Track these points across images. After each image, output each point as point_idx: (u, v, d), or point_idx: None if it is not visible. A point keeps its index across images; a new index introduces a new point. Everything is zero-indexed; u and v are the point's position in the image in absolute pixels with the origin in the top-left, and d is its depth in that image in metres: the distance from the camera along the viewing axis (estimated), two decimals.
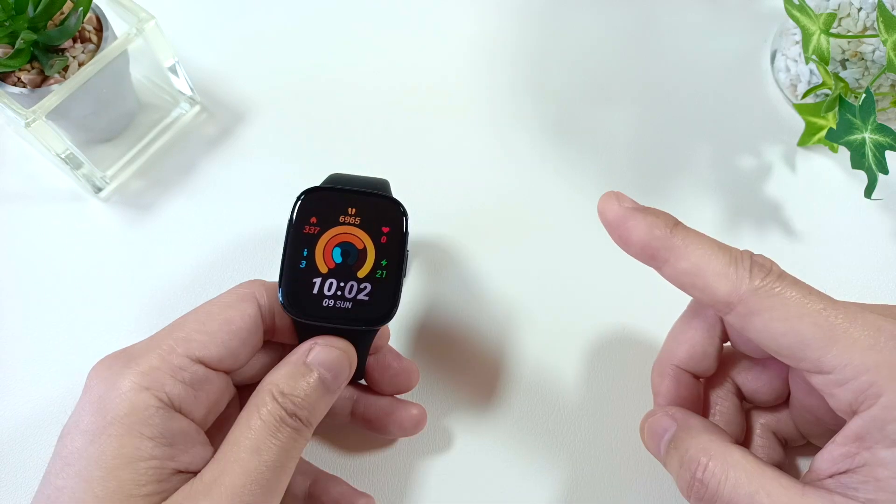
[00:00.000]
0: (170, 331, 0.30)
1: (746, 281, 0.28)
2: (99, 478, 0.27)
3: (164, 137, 0.46)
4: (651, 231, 0.29)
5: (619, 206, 0.30)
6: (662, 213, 0.30)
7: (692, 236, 0.29)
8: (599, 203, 0.31)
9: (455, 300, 0.42)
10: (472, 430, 0.39)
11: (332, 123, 0.47)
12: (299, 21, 0.51)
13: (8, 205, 0.44)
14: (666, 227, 0.29)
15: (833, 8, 0.42)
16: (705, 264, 0.28)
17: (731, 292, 0.28)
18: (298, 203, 0.32)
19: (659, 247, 0.29)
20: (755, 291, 0.28)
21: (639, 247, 0.30)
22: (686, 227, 0.30)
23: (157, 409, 0.28)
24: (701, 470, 0.29)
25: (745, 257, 0.29)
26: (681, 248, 0.29)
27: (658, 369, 0.35)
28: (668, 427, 0.32)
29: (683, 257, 0.29)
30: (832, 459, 0.28)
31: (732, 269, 0.28)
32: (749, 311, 0.28)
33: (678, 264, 0.29)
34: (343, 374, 0.31)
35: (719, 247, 0.29)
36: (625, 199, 0.31)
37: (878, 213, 0.45)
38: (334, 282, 0.32)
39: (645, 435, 0.33)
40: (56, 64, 0.39)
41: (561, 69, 0.49)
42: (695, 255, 0.29)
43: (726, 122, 0.47)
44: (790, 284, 0.28)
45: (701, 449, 0.30)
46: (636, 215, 0.30)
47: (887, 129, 0.38)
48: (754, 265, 0.28)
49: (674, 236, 0.29)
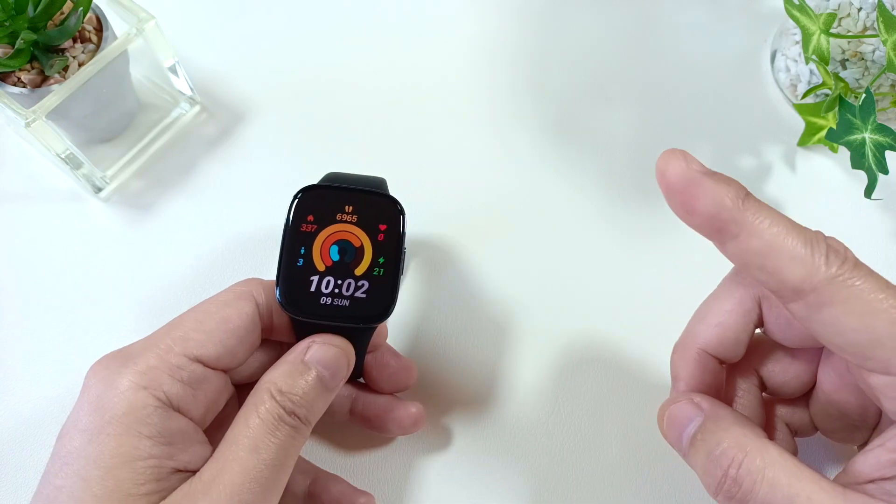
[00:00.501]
0: (167, 330, 0.30)
1: (822, 268, 0.25)
2: (97, 477, 0.27)
3: (164, 137, 0.46)
4: (721, 200, 0.26)
5: (686, 168, 0.26)
6: (733, 182, 0.26)
7: (765, 211, 0.26)
8: (660, 161, 0.27)
9: (454, 299, 0.42)
10: (470, 428, 0.39)
11: (332, 123, 0.47)
12: (299, 21, 0.51)
13: (8, 205, 0.44)
14: (738, 197, 0.26)
15: (833, 8, 0.42)
16: (780, 244, 0.25)
17: (804, 279, 0.25)
18: (295, 201, 0.32)
19: (728, 219, 0.26)
20: (831, 280, 0.25)
21: (705, 217, 0.26)
22: (757, 200, 0.26)
23: (155, 409, 0.28)
24: (735, 467, 0.27)
25: (820, 240, 0.26)
26: (752, 223, 0.26)
27: (681, 351, 0.32)
28: (693, 416, 0.29)
29: (755, 234, 0.26)
30: (878, 464, 0.26)
31: (809, 251, 0.25)
32: (822, 302, 0.25)
33: (749, 242, 0.26)
34: (341, 372, 0.31)
35: (794, 226, 0.26)
36: (692, 160, 0.27)
37: (878, 213, 0.44)
38: (331, 279, 0.32)
39: (664, 423, 0.31)
40: (56, 64, 0.39)
41: (561, 69, 0.49)
42: (769, 232, 0.25)
43: (726, 122, 0.47)
44: (866, 275, 0.25)
45: (735, 444, 0.27)
46: (705, 181, 0.26)
47: (887, 129, 0.38)
48: (830, 250, 0.25)
49: (746, 209, 0.26)
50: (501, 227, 0.44)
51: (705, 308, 0.32)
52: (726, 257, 0.27)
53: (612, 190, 0.45)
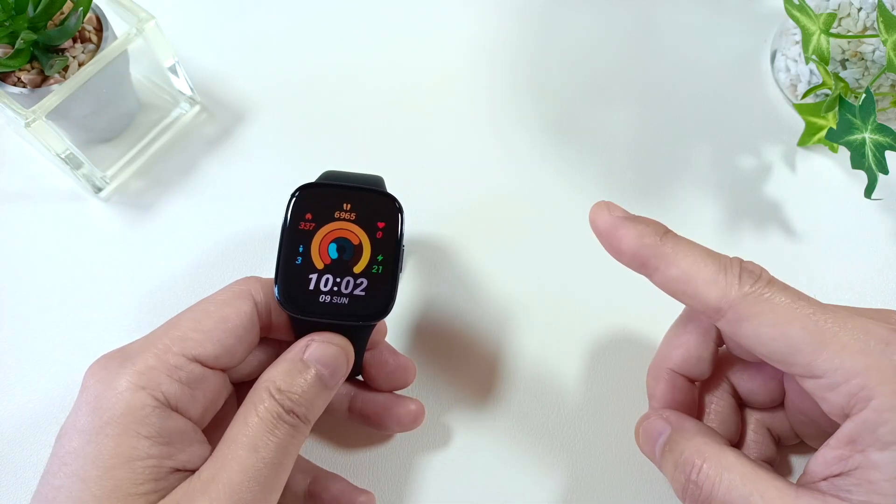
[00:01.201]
0: (166, 329, 0.30)
1: (736, 287, 0.28)
2: (96, 477, 0.27)
3: (164, 137, 0.46)
4: (641, 239, 0.30)
5: (609, 216, 0.31)
6: (652, 222, 0.30)
7: (682, 244, 0.30)
8: (591, 213, 0.31)
9: (453, 298, 0.42)
10: (470, 426, 0.39)
11: (332, 123, 0.47)
12: (299, 21, 0.51)
13: (8, 205, 0.44)
14: (656, 234, 0.30)
15: (833, 8, 0.42)
16: (695, 271, 0.29)
17: (720, 298, 0.28)
18: (293, 199, 0.32)
19: (649, 255, 0.30)
20: (744, 297, 0.28)
21: (629, 255, 0.30)
22: (676, 236, 0.30)
23: (153, 409, 0.28)
24: (695, 472, 0.29)
25: (734, 264, 0.29)
26: (671, 255, 0.29)
27: (653, 373, 0.35)
28: (662, 430, 0.32)
29: (673, 265, 0.29)
30: (826, 462, 0.28)
31: (722, 275, 0.29)
32: (739, 317, 0.28)
33: (668, 272, 0.29)
34: (340, 370, 0.31)
35: (709, 254, 0.29)
36: (615, 208, 0.31)
37: (878, 213, 0.44)
38: (330, 277, 0.32)
39: (640, 438, 0.33)
40: (56, 64, 0.39)
41: (561, 69, 0.49)
42: (685, 262, 0.29)
43: (726, 122, 0.47)
44: (779, 290, 0.28)
45: (695, 451, 0.30)
46: (626, 224, 0.30)
47: (887, 129, 0.38)
48: (743, 271, 0.29)
49: (664, 244, 0.30)
50: (501, 226, 0.44)
51: (671, 331, 0.35)
52: (657, 287, 0.30)
53: (612, 190, 0.45)
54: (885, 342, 0.27)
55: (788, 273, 0.42)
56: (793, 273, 0.42)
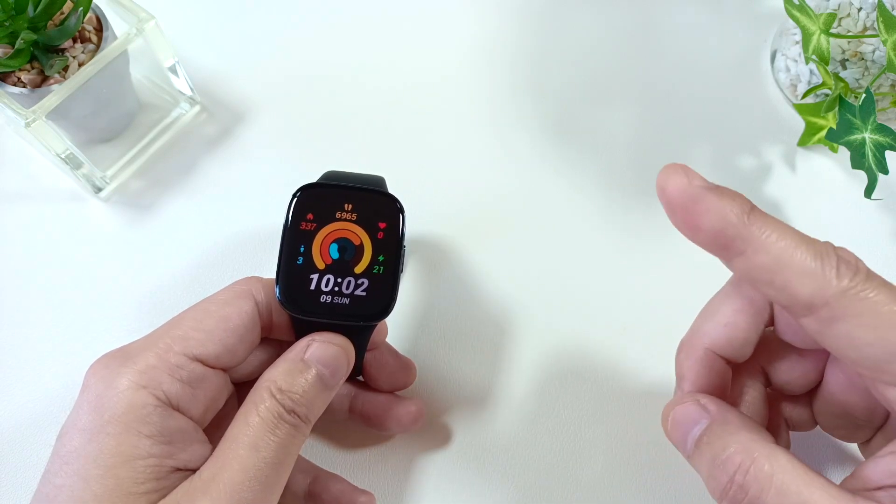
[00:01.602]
0: (167, 329, 0.30)
1: (834, 281, 0.24)
2: (97, 476, 0.27)
3: (164, 137, 0.46)
4: (725, 216, 0.25)
5: (687, 184, 0.26)
6: (738, 196, 0.26)
7: (771, 225, 0.25)
8: (660, 177, 0.26)
9: (454, 298, 0.42)
10: (470, 426, 0.39)
11: (332, 123, 0.47)
12: (299, 21, 0.51)
13: (8, 205, 0.44)
14: (743, 211, 0.25)
15: (833, 8, 0.42)
16: (788, 259, 0.25)
17: (815, 294, 0.24)
18: (294, 200, 0.32)
19: (734, 235, 0.25)
20: (843, 294, 0.24)
21: (710, 234, 0.26)
22: (763, 213, 0.26)
23: (154, 408, 0.28)
24: (742, 473, 0.26)
25: (830, 252, 0.25)
26: (759, 238, 0.25)
27: (687, 350, 0.31)
28: (698, 419, 0.28)
29: (762, 250, 0.25)
30: (889, 472, 0.26)
31: (819, 265, 0.24)
32: (833, 316, 0.24)
33: (755, 257, 0.25)
34: (341, 370, 0.31)
35: (802, 239, 0.25)
36: (694, 175, 0.26)
37: (878, 213, 0.44)
38: (331, 278, 0.32)
39: (669, 424, 0.30)
40: (56, 64, 0.39)
41: (561, 69, 0.49)
42: (776, 247, 0.25)
43: (726, 122, 0.47)
44: (879, 286, 0.24)
45: (742, 449, 0.26)
46: (709, 197, 0.25)
47: (887, 129, 0.38)
48: (841, 262, 0.25)
49: (751, 224, 0.25)
50: (501, 226, 0.44)
51: (714, 306, 0.31)
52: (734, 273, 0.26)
53: (612, 190, 0.45)
54: None
55: None
56: None
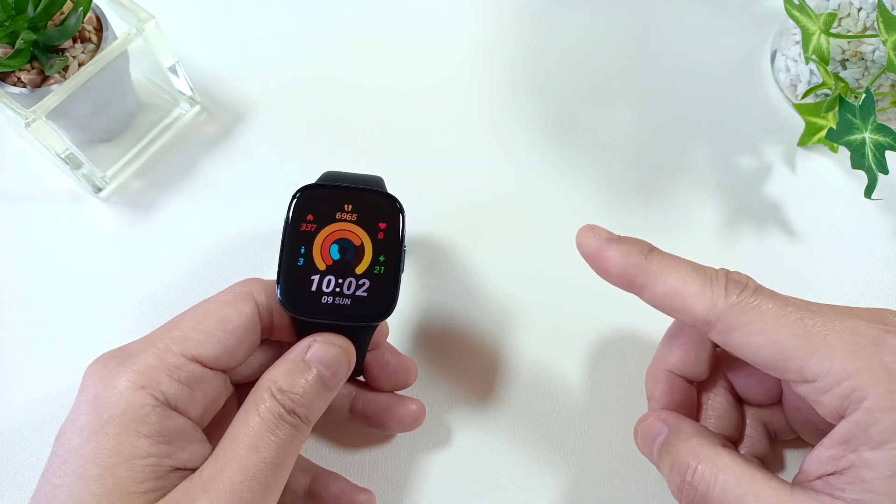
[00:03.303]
0: (166, 329, 0.30)
1: (722, 298, 0.29)
2: (96, 476, 0.27)
3: (164, 137, 0.46)
4: (626, 259, 0.30)
5: (594, 238, 0.31)
6: (637, 241, 0.31)
7: (667, 260, 0.30)
8: (577, 237, 0.32)
9: (454, 298, 0.42)
10: (470, 425, 0.39)
11: (332, 123, 0.47)
12: (299, 21, 0.51)
13: (8, 205, 0.44)
14: (640, 253, 0.30)
15: (833, 8, 0.42)
16: (682, 286, 0.29)
17: (708, 310, 0.29)
18: (294, 201, 0.32)
19: (635, 273, 0.30)
20: (732, 307, 0.28)
21: (616, 275, 0.31)
22: (661, 252, 0.31)
23: (153, 408, 0.28)
24: (690, 473, 0.30)
25: (720, 276, 0.29)
26: (656, 272, 0.30)
27: (651, 375, 0.35)
28: (660, 431, 0.32)
29: (660, 281, 0.30)
30: (820, 462, 0.29)
31: (708, 288, 0.29)
32: (728, 328, 0.29)
33: (655, 288, 0.30)
34: (342, 371, 0.31)
35: (694, 267, 0.30)
36: (599, 230, 0.32)
37: (878, 213, 0.44)
38: (332, 278, 0.32)
39: (638, 438, 0.34)
40: (56, 64, 0.39)
41: (561, 69, 0.49)
42: (671, 278, 0.30)
43: (726, 122, 0.47)
44: (766, 297, 0.29)
45: (690, 452, 0.30)
46: (611, 245, 0.31)
47: (887, 129, 0.38)
48: (730, 282, 0.29)
49: (649, 262, 0.30)
50: (501, 226, 0.44)
51: (668, 334, 0.35)
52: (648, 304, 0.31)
53: (612, 190, 0.45)
54: (875, 343, 0.27)
55: (788, 273, 0.43)
56: (792, 273, 0.43)
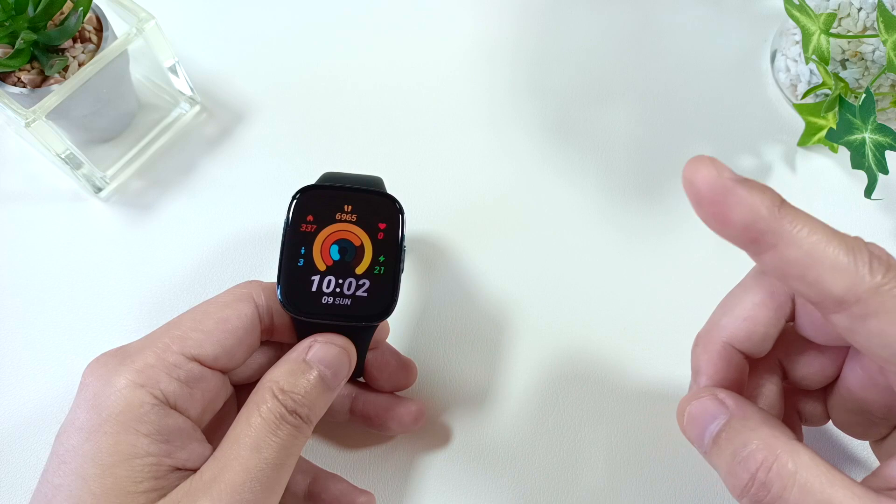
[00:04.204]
0: (165, 329, 0.30)
1: (867, 277, 0.24)
2: (95, 475, 0.27)
3: (164, 137, 0.46)
4: (757, 210, 0.24)
5: (716, 176, 0.24)
6: (768, 189, 0.25)
7: (802, 219, 0.24)
8: (687, 169, 0.25)
9: (454, 298, 0.42)
10: (470, 426, 0.39)
11: (332, 123, 0.47)
12: (299, 21, 0.51)
13: (8, 205, 0.44)
14: (773, 205, 0.24)
15: (833, 8, 0.42)
16: (820, 254, 0.24)
17: (848, 290, 0.24)
18: (294, 202, 0.32)
19: (765, 229, 0.24)
20: (876, 290, 0.24)
21: (740, 228, 0.25)
22: (794, 208, 0.25)
23: (152, 407, 0.28)
24: (764, 471, 0.26)
25: (861, 247, 0.24)
26: (790, 232, 0.24)
27: (704, 344, 0.30)
28: (717, 414, 0.28)
29: (794, 244, 0.24)
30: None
31: (851, 261, 0.24)
32: (866, 313, 0.24)
33: (787, 252, 0.24)
34: (342, 371, 0.31)
35: (834, 234, 0.24)
36: (723, 167, 0.25)
37: (878, 213, 0.44)
38: (332, 279, 0.32)
39: (685, 420, 0.29)
40: (56, 64, 0.39)
41: (561, 69, 0.49)
42: (808, 241, 0.24)
43: (726, 122, 0.47)
44: None
45: (764, 446, 0.26)
46: (738, 189, 0.24)
47: (887, 129, 0.38)
48: (873, 258, 0.24)
49: (782, 217, 0.24)
50: (501, 226, 0.44)
51: (733, 299, 0.31)
52: (763, 268, 0.26)
53: (612, 190, 0.45)
54: None
55: None
56: None
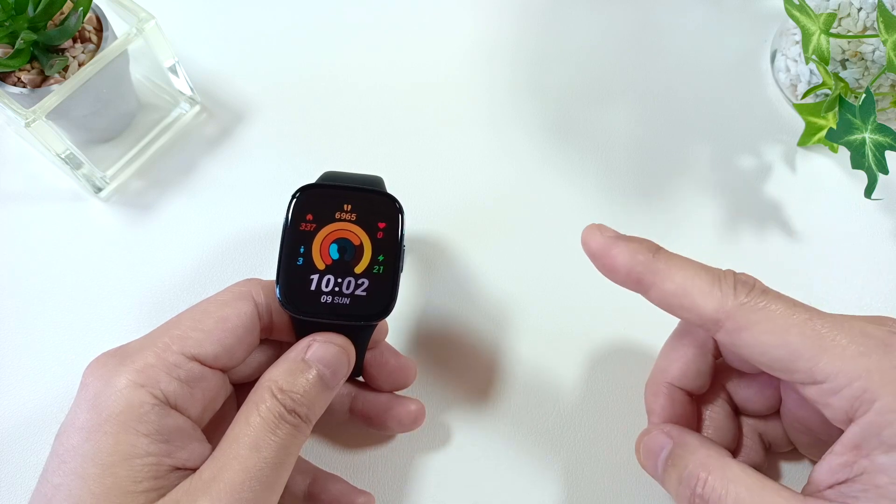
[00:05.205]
0: (165, 328, 0.30)
1: (731, 297, 0.28)
2: (95, 475, 0.27)
3: (164, 137, 0.46)
4: (634, 257, 0.30)
5: (601, 237, 0.31)
6: (644, 240, 0.31)
7: (675, 259, 0.30)
8: (583, 236, 0.31)
9: (453, 298, 0.42)
10: (470, 425, 0.39)
11: (332, 123, 0.47)
12: (299, 21, 0.51)
13: (8, 205, 0.44)
14: (648, 251, 0.30)
15: (833, 8, 0.42)
16: (690, 284, 0.29)
17: (717, 309, 0.29)
18: (294, 201, 0.32)
19: (643, 271, 0.30)
20: (741, 307, 0.28)
21: (624, 273, 0.30)
22: (668, 252, 0.30)
23: (152, 406, 0.28)
24: (700, 485, 0.29)
25: (727, 276, 0.29)
26: (664, 270, 0.30)
27: (651, 388, 0.35)
28: (664, 444, 0.32)
29: (668, 279, 0.29)
30: (831, 470, 0.28)
31: (717, 286, 0.29)
32: (737, 327, 0.28)
33: (664, 286, 0.30)
34: (342, 370, 0.31)
35: (702, 267, 0.30)
36: (606, 229, 0.31)
37: (878, 213, 0.44)
38: (331, 278, 0.32)
39: (641, 453, 0.33)
40: (56, 64, 0.39)
41: (561, 69, 0.49)
42: (679, 276, 0.29)
43: (726, 122, 0.47)
44: (774, 298, 0.28)
45: (699, 464, 0.30)
46: (618, 243, 0.31)
47: (887, 129, 0.38)
48: (738, 282, 0.29)
49: (657, 260, 0.30)
50: (500, 226, 0.44)
51: (668, 346, 0.35)
52: (653, 303, 0.31)
53: (612, 190, 0.45)
54: (884, 344, 0.27)
55: (788, 273, 0.43)
56: (793, 273, 0.43)
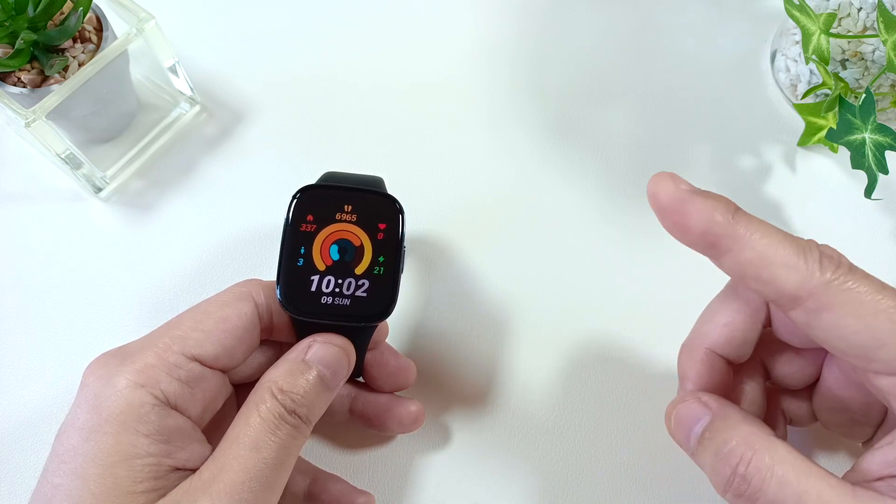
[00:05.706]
0: (166, 329, 0.30)
1: (817, 273, 0.25)
2: (95, 475, 0.27)
3: (164, 137, 0.46)
4: (712, 216, 0.26)
5: (675, 189, 0.27)
6: (722, 198, 0.27)
7: (755, 223, 0.27)
8: (651, 184, 0.27)
9: (453, 299, 0.42)
10: (470, 426, 0.39)
11: (332, 123, 0.47)
12: (299, 21, 0.51)
13: (8, 205, 0.44)
14: (728, 211, 0.27)
15: (833, 8, 0.42)
16: (772, 254, 0.26)
17: (800, 286, 0.26)
18: (294, 201, 0.32)
19: (721, 234, 0.26)
20: (827, 285, 0.25)
21: (698, 234, 0.27)
22: (747, 214, 0.27)
23: (152, 407, 0.28)
24: (744, 465, 0.27)
25: (812, 247, 0.26)
26: (744, 236, 0.26)
27: (688, 351, 0.32)
28: (700, 416, 0.29)
29: (748, 246, 0.26)
30: (887, 462, 0.26)
31: (801, 259, 0.26)
32: (819, 307, 0.26)
33: (741, 254, 0.26)
34: (342, 371, 0.31)
35: (785, 236, 0.26)
36: (680, 180, 0.27)
37: (878, 213, 0.44)
38: (332, 279, 0.32)
39: (672, 423, 0.30)
40: (56, 64, 0.39)
41: (561, 69, 0.49)
42: (760, 244, 0.26)
43: (726, 122, 0.47)
44: (861, 278, 0.26)
45: (744, 442, 0.27)
46: (695, 199, 0.27)
47: (887, 129, 0.38)
48: (823, 256, 0.26)
49: (737, 223, 0.26)
50: (501, 226, 0.44)
51: (713, 308, 0.32)
52: (723, 271, 0.28)
53: (612, 190, 0.45)
54: None
55: None
56: None
